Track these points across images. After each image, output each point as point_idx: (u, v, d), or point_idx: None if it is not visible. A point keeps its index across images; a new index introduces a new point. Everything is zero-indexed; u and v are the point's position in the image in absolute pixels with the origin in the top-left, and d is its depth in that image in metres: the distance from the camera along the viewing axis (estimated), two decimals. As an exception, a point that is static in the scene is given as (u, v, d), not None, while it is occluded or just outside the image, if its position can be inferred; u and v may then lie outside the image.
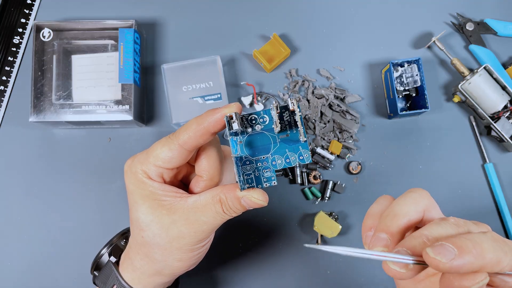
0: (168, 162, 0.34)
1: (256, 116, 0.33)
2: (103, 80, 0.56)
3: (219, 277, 0.57)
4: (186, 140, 0.33)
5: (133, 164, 0.36)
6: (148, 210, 0.34)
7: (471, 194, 0.59)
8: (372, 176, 0.59)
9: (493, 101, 0.57)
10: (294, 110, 0.31)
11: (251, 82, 0.61)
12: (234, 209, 0.34)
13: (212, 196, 0.34)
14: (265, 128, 0.33)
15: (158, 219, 0.34)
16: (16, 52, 0.61)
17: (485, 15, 0.63)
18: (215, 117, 0.32)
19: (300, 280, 0.57)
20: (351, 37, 0.62)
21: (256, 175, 0.33)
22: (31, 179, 0.58)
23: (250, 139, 0.33)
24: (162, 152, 0.34)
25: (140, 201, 0.35)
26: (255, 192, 0.33)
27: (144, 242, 0.35)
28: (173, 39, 0.62)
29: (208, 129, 0.33)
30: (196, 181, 0.36)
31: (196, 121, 0.33)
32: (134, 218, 0.36)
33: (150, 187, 0.35)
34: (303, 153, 0.33)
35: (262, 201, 0.33)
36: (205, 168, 0.36)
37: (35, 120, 0.55)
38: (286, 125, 0.32)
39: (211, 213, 0.34)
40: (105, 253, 0.42)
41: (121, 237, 0.44)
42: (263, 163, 0.33)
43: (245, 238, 0.58)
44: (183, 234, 0.34)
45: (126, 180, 0.36)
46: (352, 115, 0.59)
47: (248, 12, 0.62)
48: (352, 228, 0.58)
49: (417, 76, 0.58)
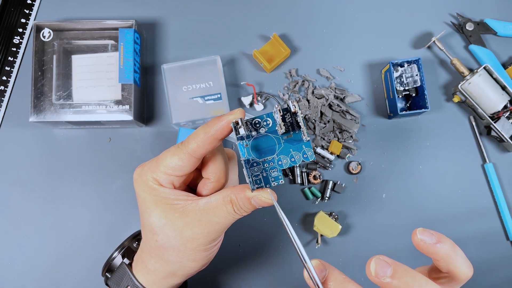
0: (179, 170, 0.36)
1: (260, 120, 0.35)
2: (103, 80, 0.56)
3: (219, 277, 0.57)
4: (195, 149, 0.35)
5: (143, 172, 0.37)
6: (161, 214, 0.36)
7: (471, 194, 0.59)
8: (372, 176, 0.59)
9: (493, 101, 0.57)
10: (296, 111, 0.33)
11: (251, 82, 0.61)
12: (245, 208, 0.35)
13: (223, 197, 0.36)
14: (269, 131, 0.34)
15: (171, 222, 0.36)
16: (16, 52, 0.61)
17: (485, 15, 0.63)
18: (221, 124, 0.34)
19: (300, 280, 0.57)
20: (351, 37, 0.62)
21: (264, 175, 0.35)
22: (31, 179, 0.58)
23: (255, 142, 0.35)
24: (172, 162, 0.35)
25: (152, 207, 0.36)
26: (264, 192, 0.34)
27: (159, 245, 0.37)
28: (173, 39, 0.62)
29: (216, 136, 0.34)
30: (203, 184, 0.38)
31: (204, 130, 0.34)
32: (147, 223, 0.37)
33: (162, 193, 0.36)
34: (307, 151, 0.34)
35: (271, 200, 0.34)
36: (212, 171, 0.37)
37: (35, 120, 0.55)
38: (289, 126, 0.34)
39: (222, 213, 0.35)
40: (118, 255, 0.43)
41: (133, 240, 0.45)
42: (270, 164, 0.35)
43: (245, 238, 0.58)
44: (196, 235, 0.36)
45: (137, 188, 0.37)
46: (352, 115, 0.59)
47: (248, 12, 0.63)
48: (352, 228, 0.58)
49: (417, 76, 0.58)
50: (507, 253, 0.59)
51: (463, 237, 0.58)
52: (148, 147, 0.59)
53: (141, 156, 0.59)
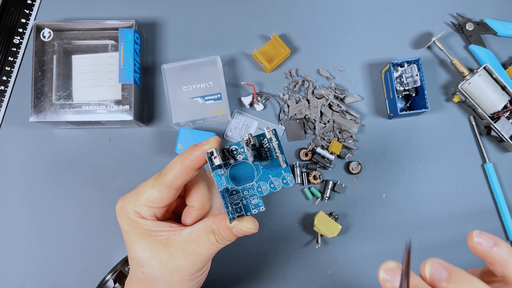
0: (159, 202, 0.36)
1: (237, 147, 0.34)
2: (103, 80, 0.56)
3: (219, 277, 0.57)
4: (173, 180, 0.34)
5: (124, 205, 0.37)
6: (145, 246, 0.36)
7: (471, 194, 0.59)
8: (372, 176, 0.59)
9: (493, 101, 0.57)
10: (271, 137, 0.32)
11: (251, 82, 0.61)
12: (227, 237, 0.35)
13: (204, 227, 0.35)
14: (247, 158, 0.34)
15: (156, 254, 0.35)
16: (16, 52, 0.61)
17: (485, 15, 0.63)
18: (196, 154, 0.34)
19: (300, 280, 0.57)
20: (351, 37, 0.62)
21: (244, 203, 0.34)
22: (31, 179, 0.58)
23: (233, 170, 0.34)
24: (152, 194, 0.35)
25: (136, 239, 0.36)
26: (244, 221, 0.34)
27: (145, 277, 0.37)
28: (173, 39, 0.62)
29: (192, 167, 0.34)
30: (188, 211, 0.38)
31: (180, 161, 0.34)
32: (133, 256, 0.37)
33: (145, 225, 0.36)
34: (286, 177, 0.34)
35: (252, 229, 0.34)
36: (196, 198, 0.37)
37: (35, 120, 0.55)
38: (267, 151, 0.33)
39: (205, 243, 0.35)
40: (110, 279, 0.43)
41: (125, 264, 0.45)
42: (249, 191, 0.34)
43: (245, 238, 0.58)
44: (181, 267, 0.35)
45: (120, 221, 0.37)
46: (352, 115, 0.59)
47: (248, 12, 0.63)
48: (352, 228, 0.58)
49: (417, 76, 0.58)
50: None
51: (463, 237, 0.58)
52: (148, 147, 0.59)
53: (141, 156, 0.59)
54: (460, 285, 0.26)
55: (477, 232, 0.29)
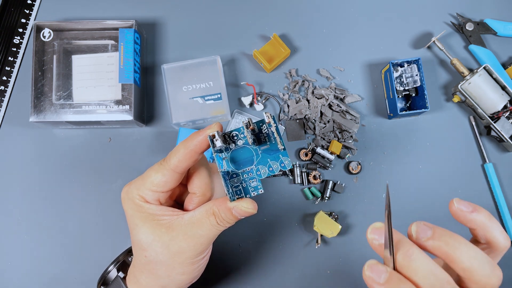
0: (163, 186, 0.37)
1: (237, 133, 0.36)
2: (103, 80, 0.56)
3: (219, 277, 0.57)
4: (177, 164, 0.36)
5: (130, 190, 0.38)
6: (148, 230, 0.37)
7: (471, 194, 0.59)
8: (372, 176, 0.59)
9: (492, 101, 0.57)
10: (269, 122, 0.34)
11: (251, 82, 0.61)
12: (227, 219, 0.36)
13: (206, 210, 0.37)
14: (247, 143, 0.36)
15: (158, 237, 0.37)
16: (16, 52, 0.61)
17: (485, 15, 0.63)
18: (199, 139, 0.35)
19: (300, 280, 0.57)
20: (351, 37, 0.62)
21: (244, 186, 0.36)
22: (31, 179, 0.58)
23: (234, 154, 0.36)
24: (156, 178, 0.37)
25: (140, 223, 0.37)
26: (244, 202, 0.36)
27: (148, 261, 0.38)
28: (173, 39, 0.62)
29: (195, 151, 0.36)
30: (190, 199, 0.39)
31: (183, 145, 0.36)
32: (136, 240, 0.38)
33: (149, 209, 0.37)
34: (284, 160, 0.36)
35: (252, 209, 0.36)
36: (197, 185, 0.38)
37: (35, 120, 0.55)
38: (265, 136, 0.35)
39: (206, 226, 0.36)
40: (113, 269, 0.44)
41: (128, 254, 0.46)
42: (249, 174, 0.36)
43: (245, 238, 0.58)
44: (183, 249, 0.37)
45: (124, 206, 0.39)
46: (352, 115, 0.59)
47: (248, 12, 0.63)
48: (352, 228, 0.58)
49: (417, 76, 0.58)
50: (507, 253, 0.58)
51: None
52: (148, 147, 0.59)
53: (141, 156, 0.59)
54: (443, 239, 0.29)
55: (457, 199, 0.31)
